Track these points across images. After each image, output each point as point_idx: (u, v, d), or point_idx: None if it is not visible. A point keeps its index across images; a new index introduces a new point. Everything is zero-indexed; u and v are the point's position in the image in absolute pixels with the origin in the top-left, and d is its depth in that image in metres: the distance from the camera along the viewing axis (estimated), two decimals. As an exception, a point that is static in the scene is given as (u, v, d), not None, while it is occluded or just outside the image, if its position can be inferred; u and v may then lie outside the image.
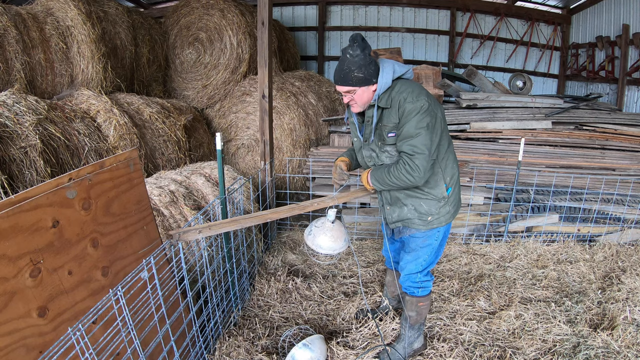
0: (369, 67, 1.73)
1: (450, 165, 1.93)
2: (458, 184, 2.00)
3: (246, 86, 5.23)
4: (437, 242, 2.00)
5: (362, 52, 1.71)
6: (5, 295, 1.15)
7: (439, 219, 1.94)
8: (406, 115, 1.71)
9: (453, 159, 1.96)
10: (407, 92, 1.73)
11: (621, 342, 2.21)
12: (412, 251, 2.03)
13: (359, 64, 1.71)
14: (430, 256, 2.02)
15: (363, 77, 1.73)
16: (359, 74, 1.73)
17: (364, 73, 1.73)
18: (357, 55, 1.71)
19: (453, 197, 1.97)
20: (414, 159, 1.71)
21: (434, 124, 1.73)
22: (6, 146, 2.60)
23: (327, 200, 2.13)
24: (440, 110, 1.82)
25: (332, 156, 4.40)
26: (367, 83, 1.75)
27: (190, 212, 2.50)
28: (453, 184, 1.95)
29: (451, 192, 1.94)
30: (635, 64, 5.82)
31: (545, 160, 4.22)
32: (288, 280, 2.87)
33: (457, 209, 2.03)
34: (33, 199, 1.23)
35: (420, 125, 1.69)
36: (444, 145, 1.88)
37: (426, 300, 2.10)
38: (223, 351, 2.15)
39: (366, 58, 1.72)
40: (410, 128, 1.71)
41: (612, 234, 3.56)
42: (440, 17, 8.02)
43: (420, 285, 2.07)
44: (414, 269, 2.04)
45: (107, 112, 3.57)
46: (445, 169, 1.90)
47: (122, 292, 1.37)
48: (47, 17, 4.08)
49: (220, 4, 5.23)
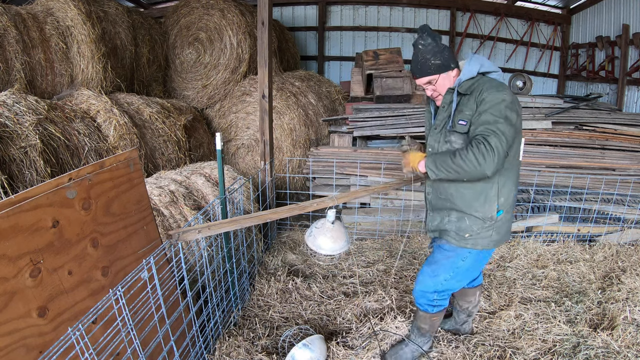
0: (444, 53, 1.69)
1: (509, 186, 1.74)
2: (510, 212, 1.80)
3: (246, 86, 5.23)
4: (463, 264, 1.82)
5: (434, 40, 1.68)
6: (5, 295, 1.15)
7: (476, 240, 1.76)
8: (485, 103, 1.60)
9: (514, 180, 1.76)
10: (490, 84, 1.64)
11: (621, 342, 2.21)
12: (433, 263, 1.88)
13: (433, 52, 1.68)
14: (451, 277, 1.84)
15: (440, 63, 1.69)
16: (435, 61, 1.69)
17: (440, 59, 1.69)
18: (429, 44, 1.68)
19: (501, 223, 1.77)
20: (490, 139, 1.53)
21: (513, 121, 1.59)
22: (6, 146, 2.60)
23: (327, 200, 2.13)
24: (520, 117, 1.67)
25: (332, 156, 4.40)
26: (445, 69, 1.71)
27: (190, 212, 2.50)
28: (506, 207, 1.76)
29: (501, 215, 1.75)
30: (635, 64, 5.82)
31: (545, 160, 4.22)
32: (288, 280, 2.87)
33: (502, 238, 1.81)
34: (33, 199, 1.23)
35: (500, 114, 1.57)
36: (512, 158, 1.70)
37: (439, 315, 1.98)
38: (223, 351, 2.15)
39: (438, 45, 1.69)
40: (488, 116, 1.58)
41: (612, 234, 3.56)
42: (440, 17, 8.02)
43: (434, 304, 1.94)
44: (430, 287, 1.89)
45: (107, 112, 3.57)
46: (503, 186, 1.72)
47: (122, 292, 1.37)
48: (47, 17, 4.08)
49: (220, 4, 5.24)
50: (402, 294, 2.74)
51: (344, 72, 8.39)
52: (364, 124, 4.69)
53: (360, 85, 5.52)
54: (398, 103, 5.05)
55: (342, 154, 4.47)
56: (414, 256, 3.37)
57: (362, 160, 4.26)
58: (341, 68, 8.45)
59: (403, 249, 3.51)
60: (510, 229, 1.88)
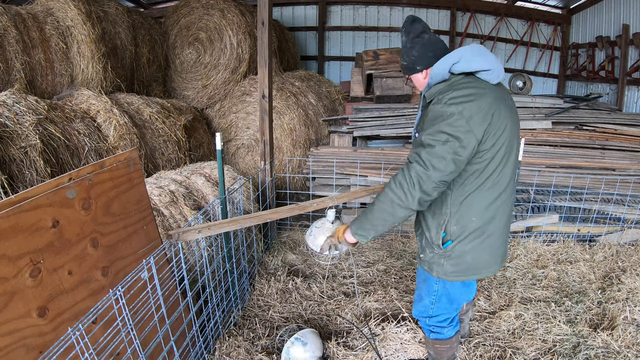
0: (412, 53, 1.50)
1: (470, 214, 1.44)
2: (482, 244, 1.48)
3: (246, 86, 5.23)
4: (439, 291, 1.62)
5: (407, 36, 1.51)
6: (5, 295, 1.15)
7: (430, 265, 1.55)
8: (428, 118, 1.38)
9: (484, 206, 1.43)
10: (451, 91, 1.36)
11: (621, 342, 2.21)
12: (418, 287, 1.74)
13: (403, 51, 1.54)
14: (436, 302, 1.64)
15: (406, 64, 1.54)
16: (403, 62, 1.55)
17: (407, 60, 1.54)
18: (403, 42, 1.53)
19: (456, 255, 1.49)
20: (411, 169, 1.34)
21: (456, 146, 1.31)
22: (6, 146, 2.60)
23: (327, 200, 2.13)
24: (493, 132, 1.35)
25: (332, 156, 4.40)
26: (411, 71, 1.55)
27: (190, 212, 2.50)
28: (460, 239, 1.47)
29: (450, 247, 1.48)
30: (635, 64, 5.82)
31: (545, 160, 4.22)
32: (288, 280, 2.87)
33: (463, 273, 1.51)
34: (33, 199, 1.23)
35: (436, 137, 1.32)
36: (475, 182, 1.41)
37: (444, 344, 1.76)
38: (223, 351, 2.15)
39: (407, 43, 1.50)
40: (424, 135, 1.35)
41: (612, 234, 3.56)
42: (440, 17, 8.02)
43: (432, 330, 1.77)
44: (422, 312, 1.74)
45: (107, 112, 3.57)
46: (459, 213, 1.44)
47: (122, 292, 1.36)
48: (47, 17, 4.09)
49: (220, 4, 5.24)
50: (402, 294, 2.74)
51: (344, 72, 8.39)
52: (364, 124, 4.69)
53: (360, 85, 5.52)
54: (398, 103, 5.05)
55: (342, 154, 4.47)
56: (413, 256, 3.37)
57: (362, 160, 4.26)
58: (341, 68, 8.46)
59: (403, 249, 3.51)
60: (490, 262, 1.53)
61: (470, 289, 1.82)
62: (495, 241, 1.51)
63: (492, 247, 1.51)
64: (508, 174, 1.46)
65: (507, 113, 1.42)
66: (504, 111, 1.40)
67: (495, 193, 1.45)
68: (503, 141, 1.40)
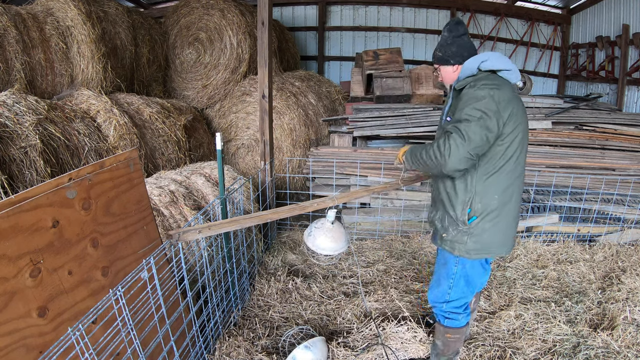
0: (450, 47, 1.75)
1: (493, 193, 1.64)
2: (495, 222, 1.67)
3: (246, 86, 5.23)
4: (458, 273, 1.76)
5: (449, 33, 1.76)
6: (5, 295, 1.15)
7: (453, 244, 1.72)
8: (463, 100, 1.61)
9: (498, 187, 1.64)
10: (483, 81, 1.60)
11: (621, 342, 2.21)
12: (436, 271, 1.87)
13: (441, 44, 1.78)
14: (454, 286, 1.79)
15: (441, 55, 1.79)
16: (439, 53, 1.79)
17: (442, 52, 1.78)
18: (443, 37, 1.78)
19: (479, 231, 1.68)
20: (451, 137, 1.54)
21: (488, 122, 1.53)
22: (6, 146, 2.60)
23: (327, 200, 2.13)
24: (513, 119, 1.59)
25: (332, 156, 4.40)
26: (444, 62, 1.79)
27: (190, 212, 2.50)
28: (482, 215, 1.66)
29: (475, 223, 1.67)
30: (635, 64, 5.82)
31: (545, 160, 4.22)
32: (288, 280, 2.87)
33: (484, 250, 1.70)
34: (33, 199, 1.23)
35: (471, 113, 1.54)
36: (491, 161, 1.63)
37: (456, 333, 1.87)
38: (223, 351, 2.15)
39: (448, 39, 1.75)
40: (460, 113, 1.58)
41: (612, 234, 3.56)
42: (440, 17, 8.02)
43: (447, 316, 1.88)
44: (438, 297, 1.87)
45: (107, 112, 3.57)
46: (483, 191, 1.64)
47: (122, 292, 1.37)
48: (47, 17, 4.08)
49: (220, 4, 5.23)
50: (402, 294, 2.74)
51: (344, 72, 8.39)
52: (364, 124, 4.69)
53: (360, 85, 5.52)
54: (398, 103, 5.05)
55: (342, 154, 4.47)
56: (413, 256, 3.37)
57: (362, 160, 4.26)
58: (341, 68, 8.46)
59: (403, 249, 3.51)
60: (501, 240, 1.73)
61: (486, 272, 1.90)
62: (509, 223, 1.73)
63: (506, 228, 1.72)
64: (522, 164, 1.70)
65: (522, 109, 1.68)
66: (521, 106, 1.67)
67: (512, 178, 1.67)
68: (520, 130, 1.63)
